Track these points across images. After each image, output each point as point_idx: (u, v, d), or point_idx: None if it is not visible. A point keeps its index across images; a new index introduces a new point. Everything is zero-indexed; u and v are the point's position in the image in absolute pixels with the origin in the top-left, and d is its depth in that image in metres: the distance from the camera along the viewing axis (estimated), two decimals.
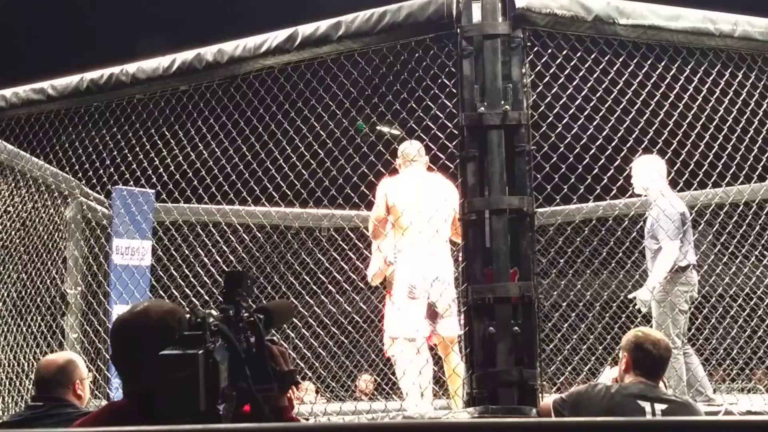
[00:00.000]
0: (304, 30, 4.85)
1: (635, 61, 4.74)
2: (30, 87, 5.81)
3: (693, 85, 4.89)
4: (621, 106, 4.78)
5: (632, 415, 3.78)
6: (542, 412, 4.07)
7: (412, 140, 5.56)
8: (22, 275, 6.59)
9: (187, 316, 1.86)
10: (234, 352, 1.82)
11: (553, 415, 4.03)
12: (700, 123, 5.00)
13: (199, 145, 5.59)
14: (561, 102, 4.65)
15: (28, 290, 6.59)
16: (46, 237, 6.84)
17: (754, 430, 1.39)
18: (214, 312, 1.87)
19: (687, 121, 4.95)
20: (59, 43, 10.74)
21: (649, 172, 5.98)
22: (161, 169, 5.75)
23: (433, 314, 5.49)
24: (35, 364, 5.98)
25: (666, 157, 4.93)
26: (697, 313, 6.62)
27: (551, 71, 4.56)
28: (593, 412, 3.89)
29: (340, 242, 6.55)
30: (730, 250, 6.42)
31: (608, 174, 4.78)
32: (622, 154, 4.86)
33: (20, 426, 3.79)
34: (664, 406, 3.86)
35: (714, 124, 5.03)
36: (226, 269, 6.10)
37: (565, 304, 5.86)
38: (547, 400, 4.15)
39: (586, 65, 4.64)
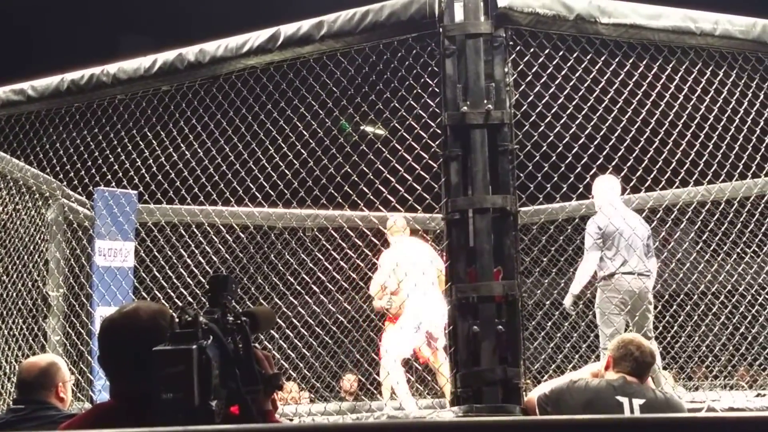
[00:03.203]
0: (286, 30, 4.84)
1: (617, 59, 4.76)
2: (9, 88, 5.76)
3: (674, 83, 4.92)
4: (603, 105, 4.80)
5: (610, 410, 3.81)
6: (527, 408, 4.09)
7: (393, 215, 6.83)
8: (3, 277, 6.54)
9: (177, 315, 1.87)
10: (224, 351, 1.82)
11: (537, 410, 4.05)
12: (682, 121, 5.03)
13: (182, 145, 5.57)
14: (544, 101, 4.66)
15: (10, 292, 6.54)
16: (27, 239, 6.80)
17: (726, 426, 1.40)
18: (200, 313, 1.87)
19: (668, 119, 4.97)
20: (39, 43, 10.67)
21: (595, 190, 6.38)
22: (143, 170, 5.72)
23: (432, 338, 6.64)
24: (17, 366, 5.94)
25: (648, 155, 4.95)
26: (680, 310, 6.66)
27: (534, 70, 4.57)
28: (574, 405, 3.91)
29: (324, 242, 6.55)
30: (712, 248, 6.46)
31: (591, 172, 4.80)
32: (604, 153, 4.87)
33: (2, 429, 3.75)
34: (641, 401, 3.88)
35: (695, 122, 5.06)
36: (210, 271, 6.08)
37: (548, 302, 5.88)
38: (531, 395, 4.17)
39: (569, 64, 4.65)
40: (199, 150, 5.57)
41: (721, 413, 4.28)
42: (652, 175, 5.94)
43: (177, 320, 1.88)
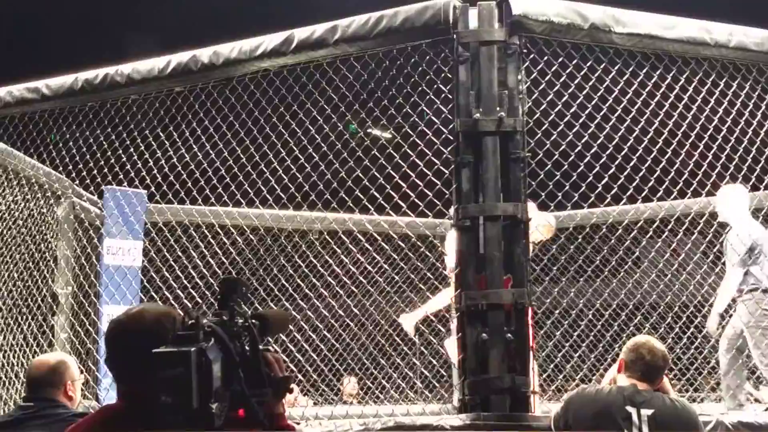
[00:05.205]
0: (300, 33, 4.84)
1: (630, 69, 4.75)
2: (24, 86, 5.78)
3: (688, 94, 4.90)
4: (616, 114, 4.79)
5: (618, 422, 3.80)
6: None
7: None
8: (13, 274, 6.55)
9: (181, 317, 1.87)
10: (227, 353, 1.81)
11: (552, 427, 4.01)
12: (695, 132, 5.01)
13: (193, 146, 5.58)
14: (556, 109, 4.66)
15: (19, 289, 6.56)
16: (37, 236, 6.81)
17: None
18: (208, 316, 1.87)
19: (681, 130, 4.96)
20: (55, 41, 10.72)
21: (727, 200, 6.17)
22: (154, 170, 5.73)
23: None
24: (25, 363, 5.96)
25: (660, 166, 4.94)
26: (688, 323, 6.64)
27: (547, 78, 4.56)
28: (584, 416, 3.89)
29: (333, 245, 6.55)
30: (723, 261, 6.43)
31: (602, 182, 4.78)
32: (616, 162, 4.86)
33: (10, 426, 3.76)
34: (650, 412, 3.85)
35: (708, 133, 5.04)
36: (219, 271, 6.09)
37: (558, 311, 5.87)
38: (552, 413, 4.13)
39: (582, 73, 4.64)
40: (210, 151, 5.58)
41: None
42: (663, 186, 5.92)
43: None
